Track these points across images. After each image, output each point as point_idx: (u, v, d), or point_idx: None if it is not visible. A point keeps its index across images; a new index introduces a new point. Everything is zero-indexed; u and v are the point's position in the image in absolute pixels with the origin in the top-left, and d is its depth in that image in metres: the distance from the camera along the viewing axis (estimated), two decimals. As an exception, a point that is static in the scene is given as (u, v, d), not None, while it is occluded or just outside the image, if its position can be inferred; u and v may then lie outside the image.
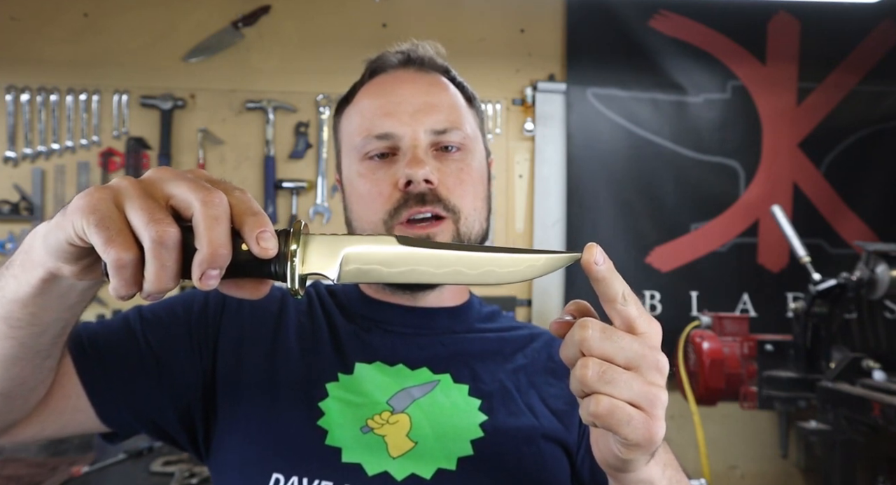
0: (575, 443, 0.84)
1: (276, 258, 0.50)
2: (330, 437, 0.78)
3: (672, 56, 2.77)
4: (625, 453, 0.54)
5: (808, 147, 2.83)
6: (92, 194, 0.48)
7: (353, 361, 0.85)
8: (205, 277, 0.48)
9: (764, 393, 2.21)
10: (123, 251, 0.46)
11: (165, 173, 0.50)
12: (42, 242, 0.52)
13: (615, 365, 0.51)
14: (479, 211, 0.89)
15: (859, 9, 2.80)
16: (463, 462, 0.78)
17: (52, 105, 2.56)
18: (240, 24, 2.63)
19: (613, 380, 0.51)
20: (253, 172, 2.65)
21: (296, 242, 0.51)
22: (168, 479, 1.80)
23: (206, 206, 0.47)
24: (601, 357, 0.51)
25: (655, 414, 0.52)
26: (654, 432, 0.52)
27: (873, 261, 2.07)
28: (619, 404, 0.51)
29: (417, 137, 0.84)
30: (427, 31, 2.70)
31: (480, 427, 0.81)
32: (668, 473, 0.63)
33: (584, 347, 0.52)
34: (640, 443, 0.52)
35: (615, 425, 0.51)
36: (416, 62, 0.91)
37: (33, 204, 2.52)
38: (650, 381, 0.52)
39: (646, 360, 0.52)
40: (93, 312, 2.51)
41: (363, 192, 0.86)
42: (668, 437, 0.86)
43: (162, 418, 0.83)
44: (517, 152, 2.78)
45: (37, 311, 0.59)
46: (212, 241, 0.47)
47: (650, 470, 0.59)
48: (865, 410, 1.85)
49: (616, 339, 0.52)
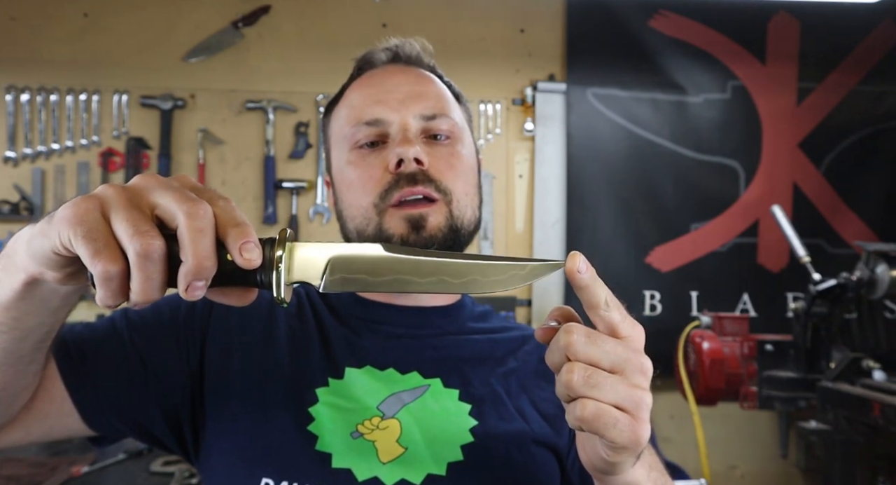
0: (565, 447, 0.84)
1: (261, 267, 0.50)
2: (320, 442, 0.78)
3: (672, 56, 2.77)
4: (611, 456, 0.55)
5: (808, 147, 2.83)
6: (79, 205, 0.48)
7: (343, 366, 0.84)
8: (190, 289, 0.48)
9: (764, 393, 2.21)
10: (110, 263, 0.46)
11: (150, 181, 0.50)
12: (26, 248, 0.52)
13: (600, 369, 0.52)
14: (471, 197, 0.88)
15: (859, 9, 2.80)
16: (453, 468, 0.78)
17: (52, 105, 2.56)
18: (240, 24, 2.63)
19: (599, 384, 0.51)
20: (253, 172, 2.65)
21: (281, 250, 0.51)
22: (168, 479, 1.80)
23: (190, 218, 0.47)
24: (586, 362, 0.52)
25: (641, 417, 0.52)
26: (639, 435, 0.52)
27: (873, 261, 2.07)
28: (605, 407, 0.51)
29: (406, 121, 0.84)
30: (427, 31, 2.69)
31: (471, 432, 0.80)
32: (654, 475, 0.64)
33: (570, 352, 0.52)
34: (626, 446, 0.52)
35: (601, 428, 0.51)
36: (404, 59, 0.92)
37: (33, 204, 2.52)
38: (635, 384, 0.52)
39: (630, 363, 0.52)
40: (93, 313, 2.51)
41: (353, 178, 0.86)
42: (668, 437, 0.87)
43: (149, 420, 0.82)
44: (517, 152, 2.78)
45: (19, 315, 0.59)
46: (196, 253, 0.47)
47: (636, 472, 0.60)
48: (865, 410, 1.85)
49: (600, 343, 0.52)
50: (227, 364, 0.84)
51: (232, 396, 0.82)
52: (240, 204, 2.62)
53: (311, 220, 2.66)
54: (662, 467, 0.70)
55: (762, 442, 2.80)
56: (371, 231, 0.84)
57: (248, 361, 0.84)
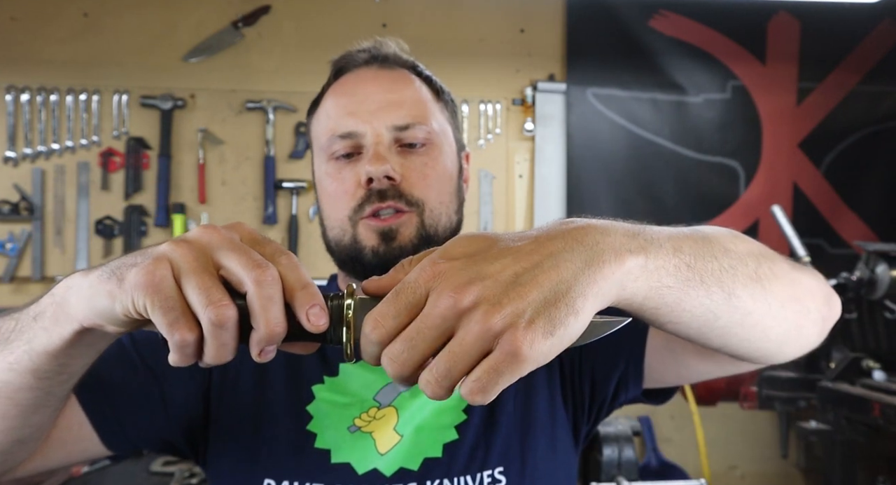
0: (561, 395, 0.86)
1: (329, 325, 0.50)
2: (319, 439, 0.80)
3: (672, 56, 2.77)
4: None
5: (808, 147, 2.83)
6: (152, 272, 0.47)
7: (336, 362, 0.86)
8: (263, 354, 0.48)
9: (764, 393, 2.21)
10: (188, 333, 0.47)
11: (214, 238, 0.49)
12: (87, 304, 0.52)
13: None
14: (446, 204, 0.88)
15: (859, 9, 2.80)
16: (449, 447, 0.79)
17: (52, 105, 2.56)
18: (240, 24, 2.63)
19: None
20: (253, 172, 2.65)
21: (350, 308, 0.50)
22: (168, 479, 1.80)
23: (259, 285, 0.47)
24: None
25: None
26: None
27: (873, 261, 2.07)
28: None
29: (379, 133, 0.84)
30: (427, 31, 2.70)
31: (464, 411, 0.82)
32: (685, 250, 0.52)
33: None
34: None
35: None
36: (380, 59, 0.91)
37: (33, 204, 2.52)
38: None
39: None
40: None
41: (330, 191, 0.87)
42: (668, 437, 0.85)
43: (169, 434, 0.83)
44: (517, 152, 2.78)
45: (67, 361, 0.58)
46: (268, 322, 0.47)
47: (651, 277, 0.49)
48: (865, 410, 1.85)
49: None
50: (226, 370, 0.85)
51: (233, 398, 0.84)
52: (240, 204, 2.63)
53: (311, 220, 2.66)
54: (704, 234, 0.57)
55: (762, 442, 2.80)
56: (347, 241, 0.85)
57: (246, 365, 0.85)
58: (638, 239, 0.49)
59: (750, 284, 0.54)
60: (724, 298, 0.52)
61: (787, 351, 0.63)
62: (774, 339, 0.60)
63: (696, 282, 0.51)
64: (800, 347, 0.64)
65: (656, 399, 0.87)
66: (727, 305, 0.53)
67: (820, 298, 0.63)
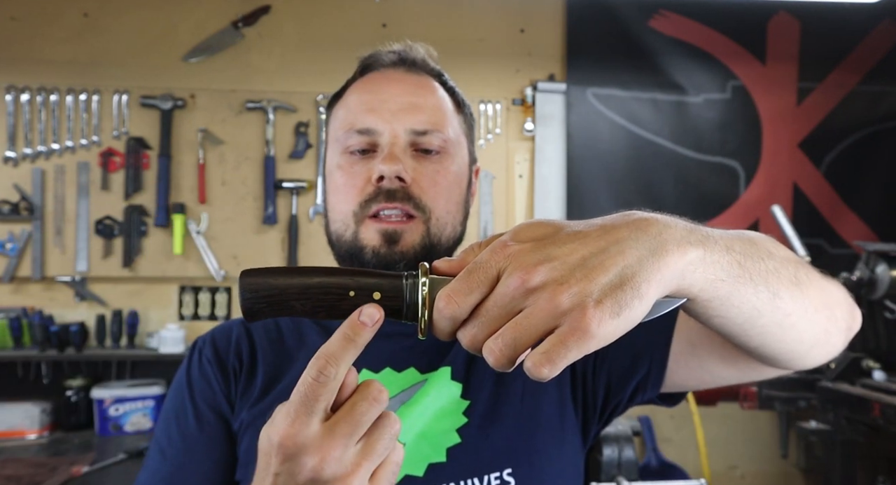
0: (571, 395, 0.86)
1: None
2: None
3: (672, 56, 2.78)
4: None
5: (808, 147, 2.83)
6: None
7: None
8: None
9: (764, 393, 2.21)
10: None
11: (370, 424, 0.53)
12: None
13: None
14: (453, 214, 0.88)
15: (859, 9, 2.80)
16: (452, 451, 0.80)
17: (52, 105, 2.56)
18: (240, 24, 2.63)
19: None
20: (253, 172, 2.65)
21: (424, 287, 0.51)
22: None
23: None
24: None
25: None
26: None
27: (873, 261, 2.07)
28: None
29: (397, 134, 0.84)
30: (427, 31, 2.70)
31: (464, 414, 0.82)
32: (735, 249, 0.54)
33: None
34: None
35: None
36: (408, 63, 0.91)
37: (33, 204, 2.52)
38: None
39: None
40: (93, 312, 2.51)
41: (339, 184, 0.87)
42: (668, 437, 0.85)
43: None
44: (517, 152, 2.78)
45: None
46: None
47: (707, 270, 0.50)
48: (865, 410, 1.85)
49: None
50: (243, 404, 0.87)
51: (245, 414, 0.85)
52: (240, 204, 2.63)
53: (311, 220, 2.66)
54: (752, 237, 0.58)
55: (762, 442, 2.80)
56: (348, 237, 0.85)
57: (264, 389, 0.86)
58: (696, 234, 0.51)
59: (791, 287, 0.56)
60: (769, 298, 0.54)
61: (814, 355, 0.65)
62: (806, 341, 0.62)
63: (745, 279, 0.53)
64: (826, 354, 0.66)
65: (669, 401, 0.87)
66: (771, 305, 0.55)
67: (846, 308, 0.66)
